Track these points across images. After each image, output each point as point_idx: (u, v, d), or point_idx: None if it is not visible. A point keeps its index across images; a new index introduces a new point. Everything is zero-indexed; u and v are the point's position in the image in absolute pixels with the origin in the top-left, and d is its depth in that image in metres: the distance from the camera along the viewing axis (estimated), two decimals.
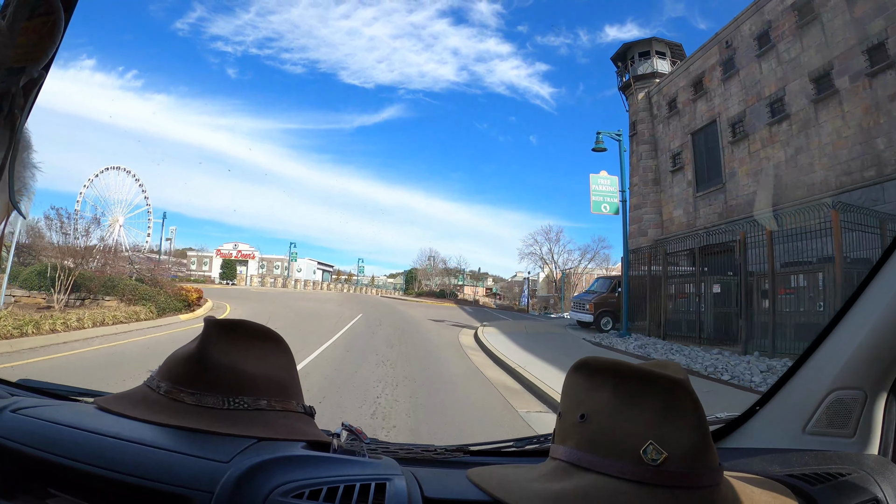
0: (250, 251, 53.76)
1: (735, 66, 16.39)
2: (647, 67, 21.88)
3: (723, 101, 17.21)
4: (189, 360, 0.81)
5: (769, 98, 14.76)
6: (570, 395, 0.71)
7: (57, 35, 0.48)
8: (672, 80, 19.99)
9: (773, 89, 14.73)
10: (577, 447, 0.66)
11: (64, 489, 0.65)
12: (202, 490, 0.61)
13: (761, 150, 15.37)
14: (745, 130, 15.81)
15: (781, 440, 0.97)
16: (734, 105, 16.60)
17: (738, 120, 16.16)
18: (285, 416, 0.83)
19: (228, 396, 0.79)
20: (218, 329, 0.84)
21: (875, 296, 0.90)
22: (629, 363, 0.67)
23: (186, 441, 0.70)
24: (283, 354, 0.89)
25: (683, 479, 0.60)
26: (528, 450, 0.99)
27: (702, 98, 18.13)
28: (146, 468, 0.63)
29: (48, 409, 0.77)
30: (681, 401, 0.63)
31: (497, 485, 0.68)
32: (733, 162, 16.49)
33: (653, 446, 0.60)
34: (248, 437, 0.74)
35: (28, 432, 0.69)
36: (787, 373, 1.02)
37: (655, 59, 21.93)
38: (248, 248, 54.04)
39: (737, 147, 16.25)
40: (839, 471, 0.78)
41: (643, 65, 22.02)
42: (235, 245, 53.58)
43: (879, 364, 0.89)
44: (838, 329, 0.95)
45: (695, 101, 18.44)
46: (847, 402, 0.91)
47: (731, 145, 16.42)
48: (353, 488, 0.64)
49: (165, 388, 0.80)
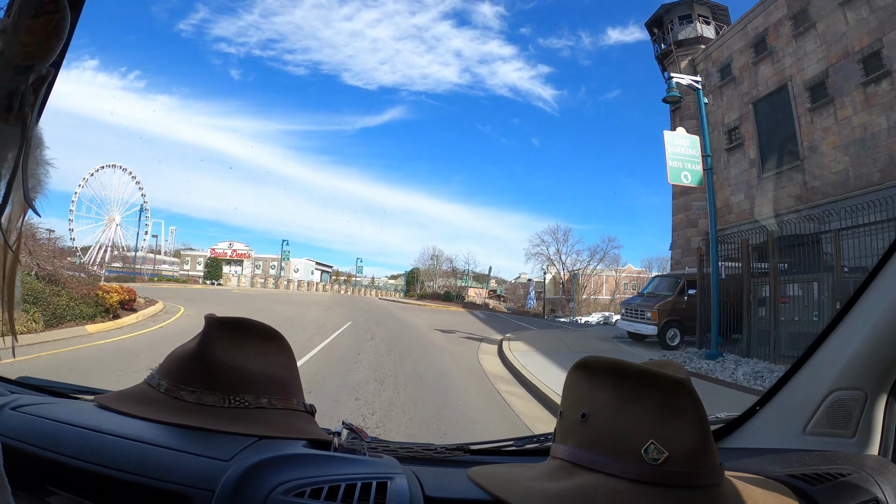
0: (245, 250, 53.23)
1: (810, 18, 13.42)
2: (689, 32, 18.76)
3: (795, 62, 14.11)
4: (189, 357, 0.81)
5: (860, 53, 11.87)
6: (570, 393, 0.70)
7: (64, 32, 0.48)
8: (724, 44, 16.80)
9: (864, 42, 11.89)
10: (577, 446, 0.65)
11: (63, 487, 0.65)
12: (203, 488, 0.60)
13: (853, 117, 12.26)
14: (828, 94, 12.81)
15: (782, 440, 0.97)
16: (811, 65, 13.60)
17: (819, 82, 13.19)
18: (286, 414, 0.83)
19: (229, 394, 0.79)
20: (219, 327, 0.84)
21: (875, 296, 0.90)
22: (630, 362, 0.66)
23: (187, 439, 0.70)
24: (283, 352, 0.89)
25: (684, 479, 0.60)
26: (529, 449, 0.98)
27: (766, 60, 15.03)
28: (146, 466, 0.63)
29: (48, 407, 0.76)
30: (682, 400, 0.63)
31: (498, 484, 0.68)
32: (813, 133, 13.38)
33: (654, 446, 0.60)
34: (248, 435, 0.73)
35: (28, 430, 0.69)
36: (787, 373, 1.02)
37: (699, 22, 18.73)
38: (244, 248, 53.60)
39: (818, 115, 13.18)
40: (839, 471, 0.78)
41: (685, 29, 18.90)
42: (230, 244, 53.21)
43: (880, 364, 0.89)
44: (839, 329, 0.95)
45: (756, 64, 15.32)
46: (847, 403, 0.91)
47: (810, 113, 13.34)
48: (354, 487, 0.63)
49: (166, 385, 0.79)
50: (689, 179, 10.10)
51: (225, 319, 0.85)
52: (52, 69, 0.49)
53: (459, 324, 16.44)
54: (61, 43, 0.48)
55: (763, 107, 15.20)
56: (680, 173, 10.01)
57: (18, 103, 0.46)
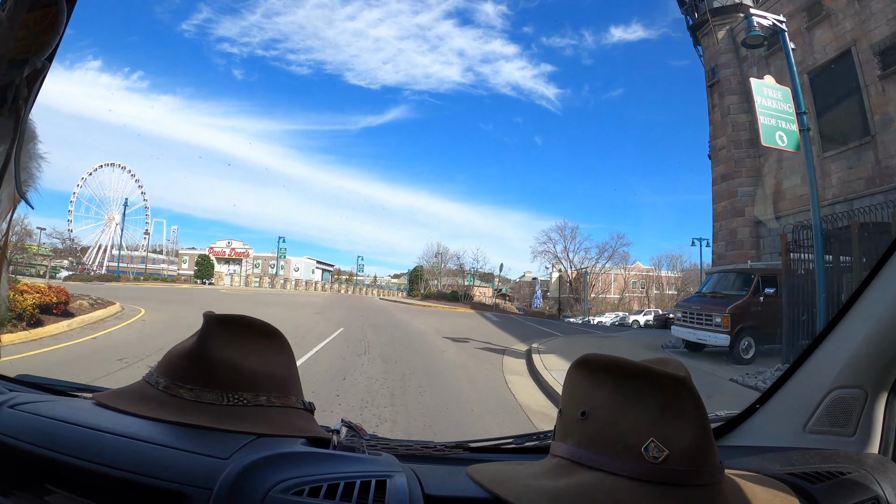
0: (244, 249, 52.38)
1: None
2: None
3: (859, 23, 12.10)
4: (188, 355, 0.80)
5: None
6: (571, 392, 0.70)
7: (59, 26, 0.47)
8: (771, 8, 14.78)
9: None
10: (577, 444, 0.65)
11: (61, 485, 0.65)
12: (201, 487, 0.60)
13: None
14: None
15: (782, 438, 0.97)
16: (879, 25, 11.56)
17: (890, 45, 11.17)
18: (285, 412, 0.82)
19: (228, 392, 0.78)
20: (217, 324, 0.83)
21: (876, 295, 0.90)
22: (630, 360, 0.66)
23: (185, 437, 0.69)
24: (282, 350, 0.88)
25: (685, 477, 0.59)
26: (529, 447, 0.98)
27: (822, 24, 13.00)
28: (144, 464, 0.63)
29: (46, 405, 0.76)
30: (682, 399, 0.63)
31: (497, 482, 0.67)
32: (886, 105, 11.34)
33: (654, 444, 0.60)
34: (247, 433, 0.73)
35: (26, 428, 0.68)
36: (787, 371, 1.02)
37: None
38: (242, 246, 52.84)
39: (891, 82, 11.12)
40: (840, 469, 0.78)
41: None
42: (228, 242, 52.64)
43: (880, 363, 0.89)
44: (839, 328, 0.94)
45: (810, 29, 13.27)
46: (847, 401, 0.91)
47: (881, 81, 11.30)
48: (353, 485, 0.63)
49: (164, 383, 0.79)
50: (785, 141, 8.00)
51: (224, 317, 0.84)
52: (46, 63, 0.48)
53: (472, 329, 14.31)
54: (57, 37, 0.48)
55: (821, 78, 13.11)
56: (774, 133, 7.94)
57: (12, 96, 0.46)
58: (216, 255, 49.19)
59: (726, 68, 15.71)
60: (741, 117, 14.96)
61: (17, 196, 0.48)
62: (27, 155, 0.50)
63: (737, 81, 15.48)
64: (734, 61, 15.67)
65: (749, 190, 14.01)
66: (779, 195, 13.59)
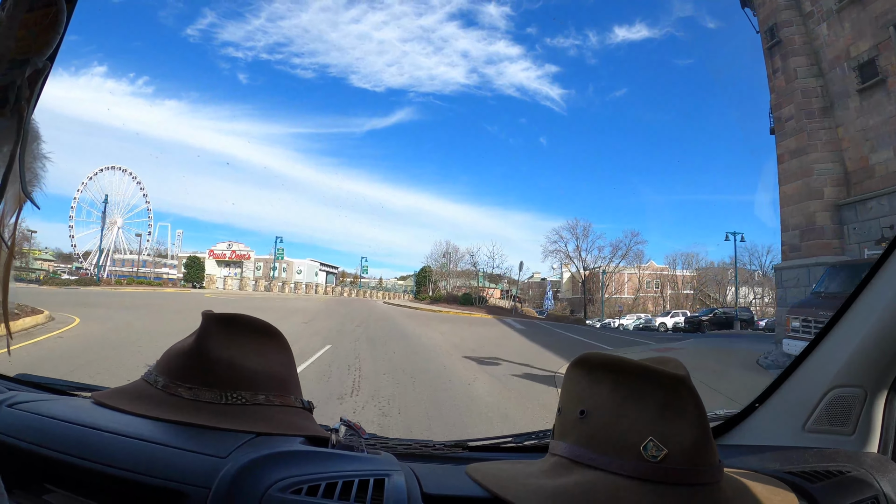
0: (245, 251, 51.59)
1: None
2: None
3: None
4: (187, 354, 0.80)
5: None
6: (569, 390, 0.70)
7: (59, 26, 0.47)
8: None
9: None
10: (576, 443, 0.65)
11: (60, 484, 0.65)
12: (199, 485, 0.60)
13: None
14: None
15: (781, 437, 0.96)
16: None
17: None
18: (284, 411, 0.82)
19: (226, 391, 0.78)
20: (216, 323, 0.83)
21: (876, 294, 0.90)
22: (629, 359, 0.66)
23: (184, 436, 0.69)
24: (281, 349, 0.88)
25: (684, 476, 0.59)
26: (528, 446, 0.98)
27: None
28: (143, 463, 0.63)
29: (45, 404, 0.76)
30: (681, 397, 0.62)
31: (496, 481, 0.67)
32: None
33: (653, 443, 0.60)
34: (245, 432, 0.73)
35: (24, 427, 0.68)
36: (787, 370, 1.01)
37: None
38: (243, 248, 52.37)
39: None
40: (839, 468, 0.78)
41: None
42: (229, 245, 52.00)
43: (879, 362, 0.89)
44: (839, 327, 0.94)
45: None
46: (847, 400, 0.91)
47: None
48: (351, 484, 0.63)
49: (163, 382, 0.79)
50: None
51: (223, 316, 0.84)
52: (48, 63, 0.48)
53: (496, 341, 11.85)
54: (58, 37, 0.47)
55: None
56: None
57: (14, 97, 0.46)
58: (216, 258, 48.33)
59: (788, 26, 13.21)
60: (809, 82, 12.47)
61: (23, 196, 0.49)
62: (31, 155, 0.50)
63: (801, 41, 12.97)
64: (797, 17, 13.17)
65: (828, 167, 11.52)
66: (865, 171, 11.09)
